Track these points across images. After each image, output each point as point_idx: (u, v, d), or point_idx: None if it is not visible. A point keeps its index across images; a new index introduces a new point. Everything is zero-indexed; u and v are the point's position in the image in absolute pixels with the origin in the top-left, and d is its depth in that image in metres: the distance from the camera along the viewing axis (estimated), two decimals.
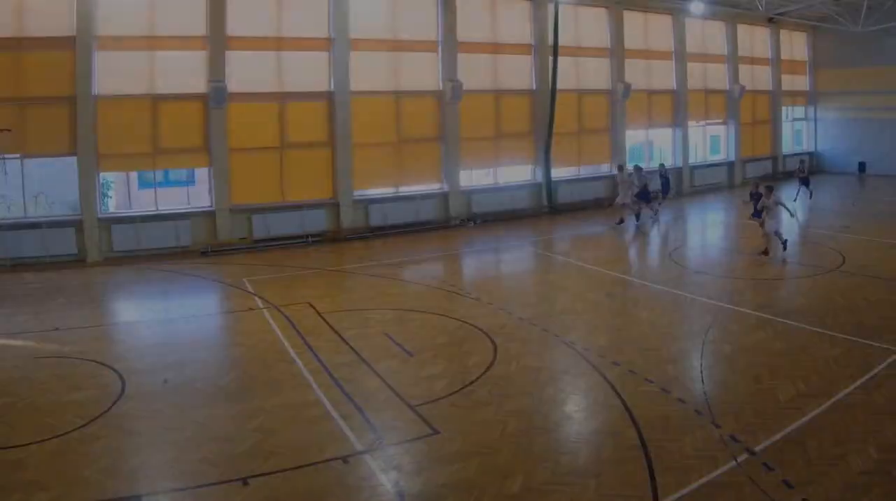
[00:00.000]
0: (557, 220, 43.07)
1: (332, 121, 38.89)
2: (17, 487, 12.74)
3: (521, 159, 46.14)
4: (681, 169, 53.38)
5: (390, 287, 28.23)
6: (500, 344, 20.32)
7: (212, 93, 35.04)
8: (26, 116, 32.61)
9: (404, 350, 20.09)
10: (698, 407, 15.55)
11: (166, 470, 13.52)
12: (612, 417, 15.27)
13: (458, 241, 38.09)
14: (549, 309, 24.08)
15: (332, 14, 38.29)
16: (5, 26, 31.98)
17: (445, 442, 14.29)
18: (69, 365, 19.26)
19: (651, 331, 21.35)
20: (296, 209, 37.87)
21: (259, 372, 18.67)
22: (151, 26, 34.57)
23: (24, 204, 33.58)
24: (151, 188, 38.27)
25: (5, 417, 15.90)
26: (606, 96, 49.33)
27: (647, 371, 17.85)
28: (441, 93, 42.05)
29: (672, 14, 52.03)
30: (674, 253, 32.61)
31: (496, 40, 44.23)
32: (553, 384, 17.42)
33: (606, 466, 13.14)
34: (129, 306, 26.96)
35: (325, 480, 13.02)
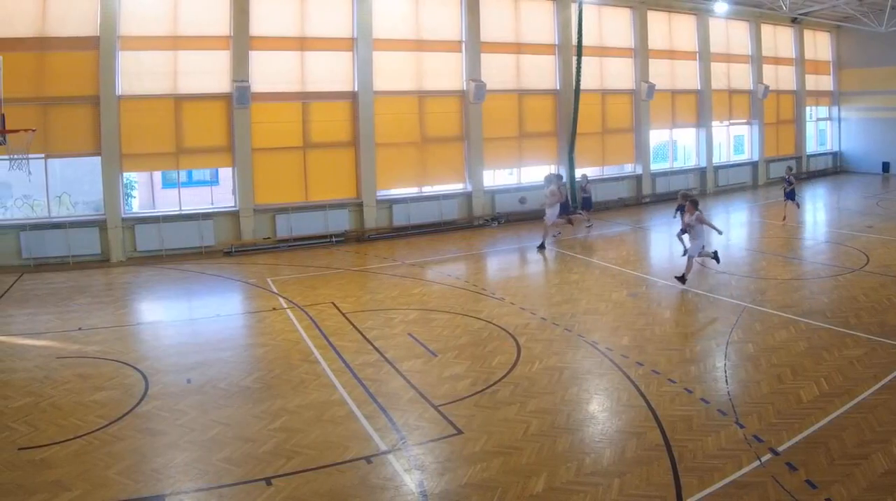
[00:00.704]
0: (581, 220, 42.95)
1: (355, 121, 38.97)
2: (40, 487, 12.83)
3: (544, 159, 46.12)
4: (705, 168, 53.26)
5: (414, 287, 28.23)
6: (524, 344, 20.37)
7: (235, 93, 35.14)
8: (50, 116, 32.75)
9: (428, 350, 20.12)
10: (721, 407, 15.54)
11: (189, 470, 13.54)
12: (636, 417, 15.27)
13: (482, 241, 38.05)
14: (572, 309, 24.04)
15: (356, 14, 38.35)
16: (29, 26, 32.13)
17: (469, 442, 14.31)
18: (92, 365, 19.31)
19: (674, 331, 21.33)
20: (319, 209, 37.94)
21: (283, 372, 18.72)
22: (175, 26, 34.72)
23: (47, 204, 33.71)
24: (175, 188, 38.44)
25: (28, 417, 15.97)
26: (630, 96, 49.30)
27: (671, 371, 17.87)
28: (464, 94, 42.07)
29: (696, 14, 51.94)
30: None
31: (519, 40, 44.19)
32: (576, 384, 17.43)
33: (630, 466, 13.12)
34: (152, 306, 27.02)
35: (348, 480, 13.05)
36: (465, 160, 42.58)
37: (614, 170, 49.77)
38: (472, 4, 41.51)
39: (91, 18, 32.92)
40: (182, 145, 35.50)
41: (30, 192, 34.31)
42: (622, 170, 49.96)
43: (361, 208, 38.90)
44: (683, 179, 51.56)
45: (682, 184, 50.68)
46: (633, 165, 49.70)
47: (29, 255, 32.50)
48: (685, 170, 52.82)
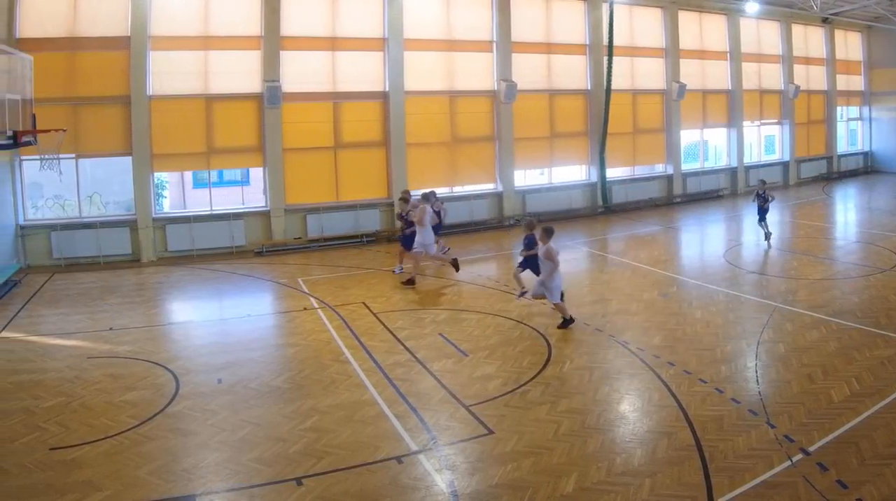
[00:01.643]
0: (612, 220, 42.93)
1: (386, 121, 39.07)
2: (71, 487, 12.91)
3: (575, 159, 46.13)
4: (736, 169, 53.05)
5: (444, 287, 28.36)
6: (555, 344, 20.39)
7: (266, 93, 35.29)
8: (81, 116, 32.99)
9: (459, 350, 20.14)
10: (752, 407, 15.48)
11: (220, 470, 13.62)
12: (667, 417, 15.25)
13: (512, 241, 37.82)
14: (603, 309, 24.06)
15: (387, 14, 38.43)
16: (60, 26, 32.37)
17: (499, 442, 14.32)
18: (123, 365, 19.39)
19: (705, 331, 21.24)
20: (350, 209, 38.11)
21: (313, 372, 18.78)
22: (206, 26, 34.93)
23: (78, 204, 33.95)
24: (206, 188, 38.55)
25: (59, 417, 16.08)
26: (661, 96, 49.16)
27: (702, 371, 17.83)
28: (495, 93, 42.02)
29: (727, 14, 51.73)
30: (727, 254, 32.36)
31: (550, 40, 44.14)
32: (607, 384, 17.41)
33: (661, 466, 13.11)
34: (183, 306, 27.10)
35: (379, 480, 13.08)
36: (495, 160, 42.59)
37: (645, 171, 49.65)
38: (503, 4, 41.52)
39: (122, 18, 33.12)
40: (213, 145, 35.69)
41: (61, 192, 34.43)
42: (653, 171, 49.85)
43: (392, 208, 38.81)
44: (715, 179, 51.55)
45: (713, 184, 50.61)
46: (663, 165, 49.59)
47: (60, 255, 32.73)
48: (716, 170, 52.61)
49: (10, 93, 19.79)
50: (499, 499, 12.31)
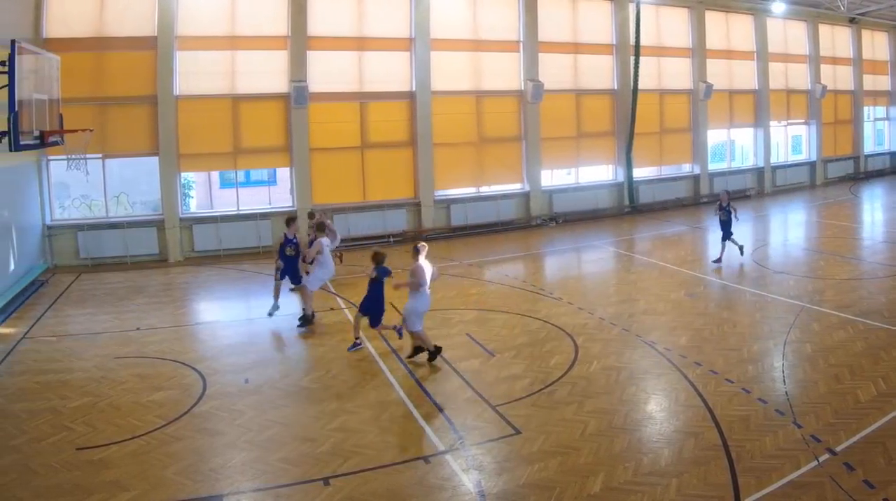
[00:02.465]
0: (639, 220, 42.87)
1: (413, 121, 39.16)
2: (98, 487, 12.98)
3: (602, 159, 46.10)
4: (762, 168, 52.84)
5: (471, 287, 28.30)
6: (582, 344, 20.35)
7: (293, 93, 35.40)
8: (108, 116, 33.20)
9: (486, 350, 20.13)
10: (779, 407, 15.44)
11: (247, 470, 13.66)
12: (693, 417, 15.21)
13: (540, 241, 38.02)
14: (630, 309, 23.98)
15: (413, 14, 38.49)
16: (87, 27, 32.55)
17: (526, 442, 14.32)
18: (150, 365, 19.46)
19: (732, 331, 21.18)
20: (377, 209, 38.19)
21: (340, 372, 18.83)
22: (232, 26, 35.10)
23: (105, 204, 34.10)
24: (233, 188, 38.74)
25: (87, 417, 16.15)
26: (688, 96, 49.01)
27: (728, 371, 17.78)
28: (522, 93, 41.99)
29: (753, 14, 51.55)
30: (755, 254, 32.25)
31: (577, 40, 44.08)
32: (634, 384, 17.38)
33: (687, 466, 13.09)
34: (210, 306, 27.16)
35: (406, 480, 13.10)
36: (522, 160, 42.53)
37: (672, 170, 49.53)
38: (529, 4, 41.49)
39: (149, 18, 33.33)
40: (240, 145, 35.84)
41: (87, 192, 34.66)
42: (680, 171, 49.73)
43: (419, 208, 39.03)
44: (741, 179, 51.39)
45: (740, 184, 50.48)
46: (690, 165, 49.44)
47: (87, 255, 32.90)
48: (743, 170, 52.44)
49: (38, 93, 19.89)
50: (526, 499, 12.31)
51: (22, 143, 18.18)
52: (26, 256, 29.79)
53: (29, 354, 20.90)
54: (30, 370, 19.50)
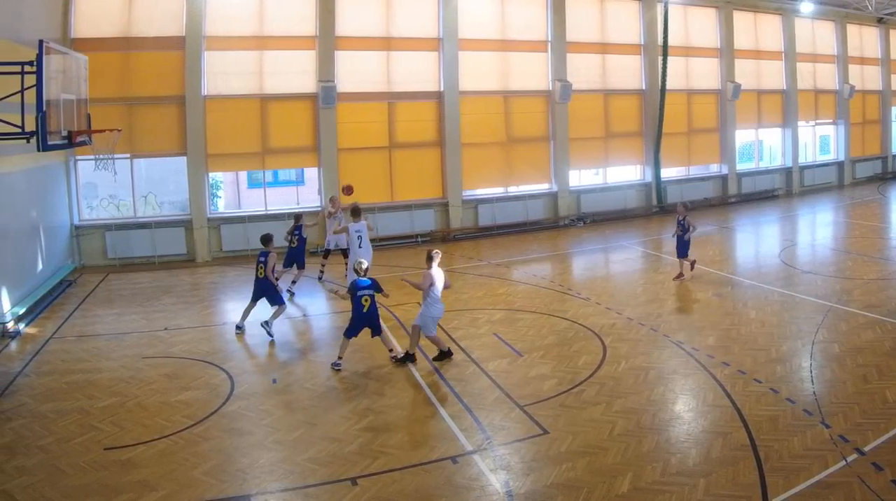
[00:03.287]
0: (667, 220, 42.62)
1: (441, 121, 39.16)
2: (126, 487, 13.02)
3: (630, 159, 46.08)
4: (790, 168, 52.64)
5: (499, 287, 28.25)
6: (610, 344, 20.35)
7: (321, 93, 35.48)
8: (136, 116, 33.39)
9: (513, 350, 20.14)
10: (807, 407, 15.39)
11: (275, 470, 13.69)
12: (721, 417, 15.16)
13: (567, 241, 38.04)
14: (658, 309, 23.97)
15: (441, 14, 38.49)
16: (115, 26, 32.74)
17: (554, 442, 14.31)
18: (178, 365, 19.52)
19: (760, 331, 21.09)
20: (405, 209, 38.26)
21: (368, 372, 18.89)
22: (261, 26, 35.22)
23: (133, 204, 34.29)
24: (260, 188, 38.82)
25: (114, 417, 16.23)
26: (716, 96, 48.85)
27: (756, 371, 17.72)
28: (550, 93, 41.94)
29: (781, 14, 51.34)
30: (783, 253, 32.13)
31: (605, 40, 44.04)
32: (662, 384, 17.36)
33: (715, 466, 13.04)
34: (237, 306, 26.99)
35: (434, 480, 13.10)
36: (550, 160, 42.51)
37: (700, 170, 49.40)
38: (557, 4, 41.45)
39: (177, 18, 33.46)
40: (268, 145, 35.93)
41: (115, 192, 34.75)
42: (708, 171, 49.61)
43: (447, 208, 39.05)
44: (769, 179, 51.28)
45: (768, 184, 50.35)
46: (718, 165, 49.30)
47: (114, 255, 33.08)
48: (771, 170, 52.29)
49: (66, 93, 19.91)
50: (553, 499, 12.30)
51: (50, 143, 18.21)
52: (54, 256, 29.93)
53: (57, 354, 21.03)
54: (57, 370, 19.62)
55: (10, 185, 25.32)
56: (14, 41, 24.17)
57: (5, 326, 22.75)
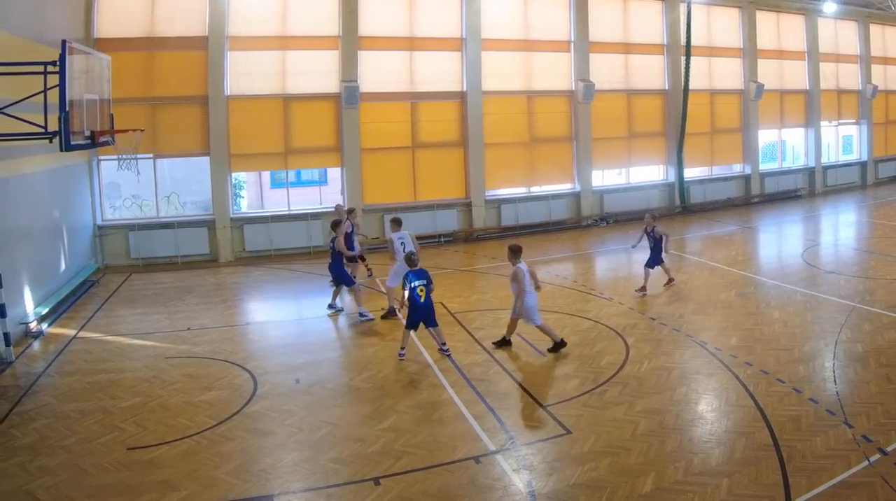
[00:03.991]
0: (690, 220, 42.69)
1: (463, 121, 39.16)
2: (148, 487, 13.06)
3: (653, 159, 46.01)
4: (813, 168, 52.47)
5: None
6: (632, 344, 20.30)
7: (344, 93, 35.51)
8: (159, 116, 33.57)
9: (536, 350, 20.09)
10: (830, 407, 15.32)
11: (298, 470, 13.70)
12: (744, 417, 15.11)
13: (591, 241, 38.03)
14: (680, 309, 23.88)
15: (464, 14, 38.48)
16: (138, 26, 32.92)
17: (577, 442, 14.28)
18: (201, 365, 19.56)
19: (783, 331, 20.99)
20: (428, 209, 38.30)
21: (391, 372, 18.87)
22: (283, 26, 35.30)
23: (156, 204, 34.47)
24: (283, 188, 38.96)
25: (137, 417, 16.27)
26: (739, 96, 48.70)
27: (779, 371, 17.65)
28: (573, 93, 41.89)
29: (804, 14, 51.11)
30: (805, 253, 32.03)
31: (628, 40, 43.97)
32: (685, 384, 17.31)
33: (738, 466, 12.99)
34: (260, 306, 27.19)
35: (456, 480, 13.09)
36: (573, 160, 42.46)
37: (723, 170, 49.30)
38: (580, 4, 41.37)
39: (200, 18, 33.59)
40: (290, 145, 36.02)
41: (138, 192, 34.90)
42: (731, 171, 49.49)
43: (470, 208, 39.07)
44: (792, 179, 51.05)
45: (791, 184, 50.22)
46: (741, 165, 49.19)
47: (138, 255, 33.22)
48: (794, 170, 52.09)
49: (88, 93, 19.97)
50: (576, 499, 12.27)
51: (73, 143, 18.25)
52: (77, 256, 30.06)
53: (80, 354, 21.12)
54: (80, 370, 19.69)
55: (34, 185, 25.42)
56: (37, 41, 24.28)
57: (28, 326, 22.87)
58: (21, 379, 19.07)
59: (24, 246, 23.75)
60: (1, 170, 22.13)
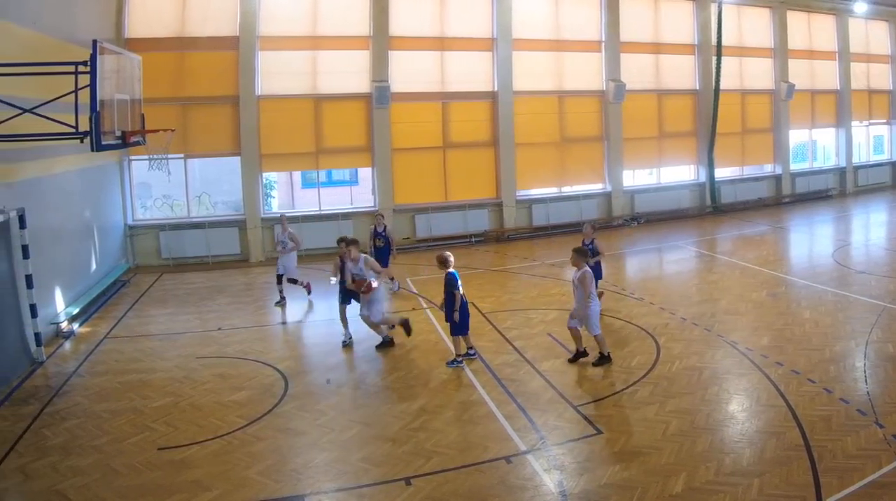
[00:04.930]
0: (721, 220, 42.57)
1: (494, 121, 39.19)
2: (180, 487, 13.13)
3: (684, 159, 45.86)
4: (844, 168, 52.20)
5: (553, 287, 28.17)
6: (663, 344, 20.26)
7: (375, 93, 35.62)
8: (189, 116, 33.79)
9: (567, 350, 19.98)
10: (861, 407, 15.24)
11: (329, 470, 13.75)
12: (775, 417, 15.05)
13: (621, 241, 37.93)
14: (712, 309, 23.80)
15: (495, 14, 38.52)
16: (169, 27, 33.18)
17: (608, 442, 14.30)
18: (231, 365, 19.61)
19: (814, 331, 20.89)
20: (459, 209, 38.35)
21: (422, 372, 18.87)
22: (314, 26, 35.45)
23: (187, 204, 34.66)
24: (314, 188, 39.06)
25: (168, 417, 16.36)
26: (770, 96, 48.50)
27: (810, 371, 17.58)
28: (604, 93, 41.85)
29: (835, 14, 50.83)
30: (836, 253, 31.89)
31: (659, 40, 43.86)
32: (716, 384, 17.25)
33: (769, 466, 12.96)
34: (291, 306, 27.20)
35: (487, 480, 13.10)
36: (604, 160, 42.43)
37: (754, 170, 49.15)
38: (611, 4, 41.30)
39: (231, 19, 33.83)
40: (321, 145, 36.15)
41: (169, 192, 35.11)
42: (761, 171, 49.30)
43: (501, 208, 39.12)
44: (823, 179, 50.78)
45: (821, 184, 50.01)
46: (772, 165, 48.99)
47: (168, 255, 33.43)
48: (825, 170, 51.81)
49: (119, 93, 20.07)
50: (607, 499, 12.27)
51: (104, 143, 18.34)
52: (108, 256, 30.26)
53: (111, 354, 21.25)
54: (111, 370, 19.82)
55: (65, 185, 25.56)
56: (68, 41, 24.44)
57: (59, 326, 23.03)
58: (52, 379, 19.22)
59: (55, 246, 23.85)
60: (32, 170, 22.25)
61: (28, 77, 19.43)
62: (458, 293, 19.04)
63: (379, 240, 26.90)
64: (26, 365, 20.05)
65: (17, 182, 20.97)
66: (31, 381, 19.08)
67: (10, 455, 14.55)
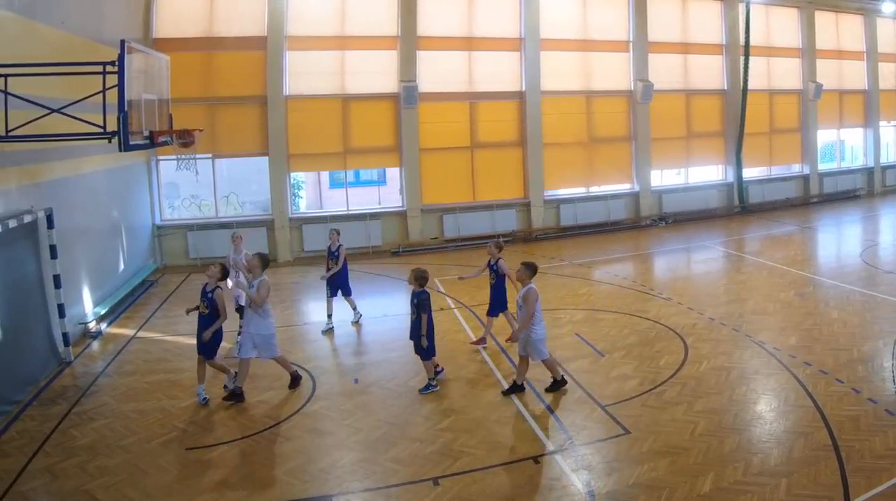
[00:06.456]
0: (749, 220, 42.46)
1: (522, 121, 39.11)
2: (207, 487, 13.20)
3: (711, 159, 45.78)
4: (872, 169, 51.97)
5: (581, 287, 28.19)
6: (691, 344, 20.23)
7: (403, 93, 35.63)
8: (217, 116, 33.89)
9: (595, 350, 20.10)
10: (889, 407, 15.22)
11: (356, 470, 13.77)
12: (803, 417, 15.02)
13: (649, 241, 37.92)
14: (739, 309, 23.74)
15: (523, 14, 38.44)
16: (197, 27, 33.31)
17: (636, 442, 14.29)
18: (259, 364, 19.41)
19: (842, 331, 20.83)
20: (486, 209, 38.31)
21: (450, 372, 18.85)
22: (342, 27, 35.46)
23: (215, 204, 34.76)
24: (342, 188, 39.06)
25: (195, 417, 16.47)
26: (798, 96, 48.30)
27: (838, 371, 17.54)
28: (632, 93, 41.77)
29: (863, 14, 50.61)
30: (864, 253, 31.75)
31: (687, 40, 43.74)
32: (744, 384, 17.23)
33: (797, 466, 12.94)
34: (319, 306, 27.16)
35: (515, 480, 13.13)
36: (632, 160, 42.38)
37: (781, 171, 48.95)
38: (639, 4, 41.25)
39: (259, 19, 33.88)
40: (349, 145, 36.17)
41: (197, 192, 35.12)
42: (789, 171, 49.12)
43: (529, 208, 39.08)
44: (851, 179, 50.54)
45: (849, 184, 49.82)
46: (800, 165, 48.83)
47: (196, 255, 33.48)
48: (853, 171, 51.56)
49: (147, 93, 20.10)
50: (635, 500, 12.28)
51: (132, 143, 18.37)
52: (136, 256, 30.38)
53: (138, 354, 21.41)
54: (139, 370, 19.97)
55: (93, 185, 25.65)
56: (96, 41, 24.53)
57: (87, 326, 23.17)
58: (80, 379, 19.34)
59: (83, 246, 23.94)
60: (60, 170, 22.34)
61: (56, 77, 19.54)
62: (429, 316, 17.85)
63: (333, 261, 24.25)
64: (54, 365, 20.16)
65: (45, 182, 21.05)
66: (58, 381, 19.20)
67: (38, 455, 14.63)
